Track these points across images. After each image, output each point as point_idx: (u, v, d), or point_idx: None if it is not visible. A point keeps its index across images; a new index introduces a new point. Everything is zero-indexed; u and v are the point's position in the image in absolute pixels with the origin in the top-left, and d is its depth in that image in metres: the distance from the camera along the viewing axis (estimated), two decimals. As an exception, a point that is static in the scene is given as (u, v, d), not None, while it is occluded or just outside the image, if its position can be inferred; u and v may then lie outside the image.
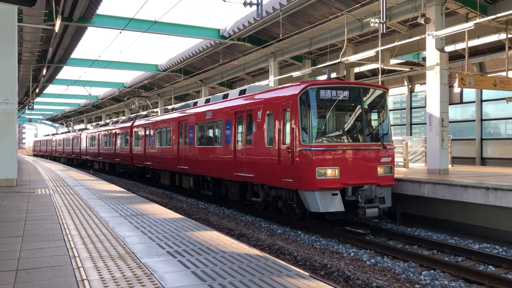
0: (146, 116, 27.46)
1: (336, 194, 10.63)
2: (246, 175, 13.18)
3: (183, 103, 21.54)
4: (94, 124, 66.11)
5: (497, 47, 19.75)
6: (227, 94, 16.15)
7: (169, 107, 35.58)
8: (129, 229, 6.68)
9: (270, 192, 12.67)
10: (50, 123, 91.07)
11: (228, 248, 5.55)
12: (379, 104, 11.93)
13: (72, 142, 44.91)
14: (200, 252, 5.28)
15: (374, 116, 11.92)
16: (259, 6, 15.19)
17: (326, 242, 10.24)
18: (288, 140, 11.19)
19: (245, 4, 15.06)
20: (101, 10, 31.51)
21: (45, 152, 63.65)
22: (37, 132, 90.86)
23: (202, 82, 34.09)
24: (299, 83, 11.49)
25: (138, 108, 39.86)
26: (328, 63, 19.87)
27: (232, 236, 10.29)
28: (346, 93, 11.27)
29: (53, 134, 62.79)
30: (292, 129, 10.99)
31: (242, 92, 14.79)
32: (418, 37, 15.99)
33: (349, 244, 10.14)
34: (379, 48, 16.54)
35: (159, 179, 22.54)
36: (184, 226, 7.01)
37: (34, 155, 72.44)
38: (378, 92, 11.92)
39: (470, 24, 13.02)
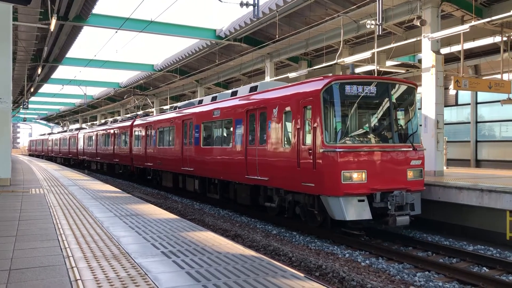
0: (146, 115, 26.66)
1: (363, 201, 9.68)
2: (259, 178, 12.21)
3: (186, 102, 20.49)
4: (89, 124, 65.88)
5: (492, 49, 19.86)
6: (236, 91, 15.08)
7: (166, 107, 35.52)
8: (124, 229, 6.66)
9: (286, 197, 11.65)
10: (45, 122, 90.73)
11: (223, 248, 5.53)
12: (408, 101, 11.00)
13: (69, 142, 43.97)
14: (195, 253, 5.27)
15: (403, 114, 11.01)
16: (256, 7, 15.18)
17: (321, 243, 10.23)
18: (309, 141, 10.27)
19: (241, 4, 15.05)
20: (97, 9, 31.47)
21: (41, 152, 62.73)
22: (31, 131, 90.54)
23: (198, 83, 34.07)
24: (322, 77, 10.51)
25: (134, 108, 39.74)
26: (324, 65, 19.91)
27: (227, 237, 10.27)
28: (373, 88, 10.34)
29: (49, 134, 62.19)
30: (314, 129, 10.05)
31: (253, 89, 13.83)
32: (414, 39, 16.06)
33: (344, 245, 10.14)
34: (375, 50, 16.58)
35: (161, 181, 21.50)
36: (179, 227, 6.99)
37: (30, 155, 71.76)
38: (407, 87, 11.00)
39: (465, 27, 13.08)
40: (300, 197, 11.05)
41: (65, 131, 52.22)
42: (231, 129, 14.06)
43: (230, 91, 16.20)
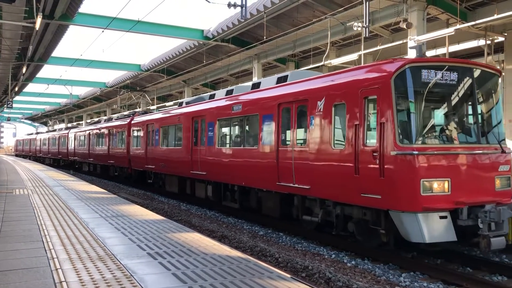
0: (145, 112, 24.82)
1: (446, 217, 7.74)
2: (296, 186, 10.18)
3: (195, 97, 18.41)
4: (75, 123, 65.21)
5: (476, 52, 20.10)
6: (258, 83, 12.95)
7: (153, 107, 35.35)
8: (109, 230, 6.61)
9: (334, 210, 9.54)
10: (29, 122, 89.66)
11: (209, 249, 5.52)
12: (493, 92, 8.94)
13: (58, 142, 41.28)
14: (181, 254, 5.25)
15: (488, 107, 8.91)
16: (243, 8, 15.21)
17: (307, 244, 10.26)
18: (372, 140, 8.31)
19: (229, 5, 15.07)
20: (83, 8, 31.23)
21: (28, 152, 60.07)
22: (15, 131, 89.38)
23: (185, 83, 34.01)
24: (391, 60, 8.55)
25: (121, 108, 39.44)
26: (311, 66, 20.00)
27: (213, 238, 10.25)
28: (454, 75, 8.34)
29: (37, 133, 60.50)
30: (381, 125, 8.05)
31: (282, 80, 11.77)
32: (400, 42, 16.21)
33: (330, 246, 10.17)
34: (362, 52, 16.71)
35: (164, 186, 19.12)
36: (165, 228, 6.95)
37: (16, 155, 69.66)
38: (492, 74, 8.94)
39: (450, 30, 13.26)
40: (355, 210, 9.01)
41: (54, 130, 49.33)
42: (257, 126, 11.95)
43: (248, 84, 14.43)
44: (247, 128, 12.86)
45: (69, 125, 62.43)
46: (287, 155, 10.59)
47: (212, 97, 15.66)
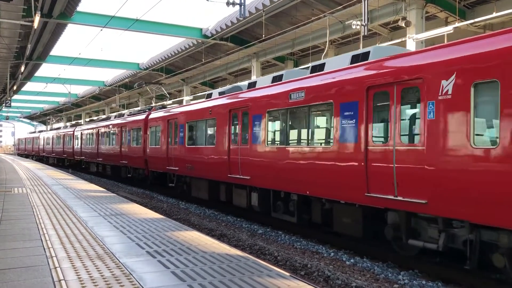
0: (163, 107, 22.43)
1: None
2: (402, 199, 7.58)
3: (229, 86, 15.81)
4: (73, 122, 65.14)
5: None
6: (322, 65, 10.51)
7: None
8: (108, 229, 6.60)
9: (467, 234, 6.86)
10: (28, 121, 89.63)
11: (208, 248, 5.52)
12: None
13: (63, 140, 38.75)
14: (180, 252, 5.25)
15: None
16: (242, 6, 15.21)
17: (306, 243, 10.26)
18: None
19: (228, 3, 15.08)
20: (82, 7, 31.19)
21: (30, 151, 57.76)
22: (14, 130, 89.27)
23: (184, 82, 34.01)
24: None
25: (120, 107, 39.43)
26: (310, 64, 20.01)
27: (212, 236, 10.26)
28: None
29: (40, 131, 58.99)
30: None
31: (361, 58, 9.33)
32: (399, 40, 16.22)
33: (329, 244, 10.18)
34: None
35: (189, 190, 16.57)
36: (164, 226, 6.95)
37: (18, 155, 67.50)
38: None
39: (449, 28, 13.27)
40: (503, 236, 6.47)
41: (59, 128, 46.53)
42: (331, 118, 9.52)
43: (305, 67, 12.51)
44: (312, 121, 10.20)
45: (68, 124, 62.28)
46: (384, 156, 8.04)
47: (252, 85, 13.10)
